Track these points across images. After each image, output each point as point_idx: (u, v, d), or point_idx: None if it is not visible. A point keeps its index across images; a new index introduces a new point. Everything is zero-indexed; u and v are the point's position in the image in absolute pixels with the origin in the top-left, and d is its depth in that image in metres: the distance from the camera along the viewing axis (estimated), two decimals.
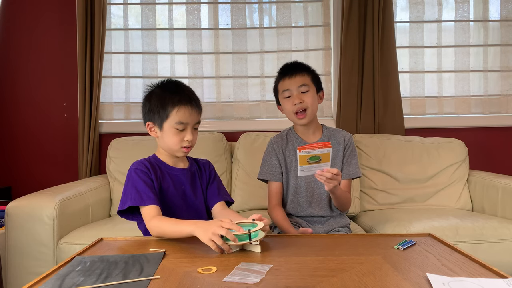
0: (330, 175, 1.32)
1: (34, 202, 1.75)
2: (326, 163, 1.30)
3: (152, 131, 1.30)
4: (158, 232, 1.16)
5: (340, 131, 1.68)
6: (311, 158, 1.27)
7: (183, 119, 1.24)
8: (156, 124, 1.27)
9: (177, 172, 1.32)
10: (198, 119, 1.29)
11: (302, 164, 1.28)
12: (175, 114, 1.24)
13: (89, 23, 2.43)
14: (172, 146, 1.27)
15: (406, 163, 2.29)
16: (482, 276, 0.87)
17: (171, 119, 1.24)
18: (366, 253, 1.04)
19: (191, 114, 1.25)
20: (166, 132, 1.26)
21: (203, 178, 1.38)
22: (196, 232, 1.06)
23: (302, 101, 1.53)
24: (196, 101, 1.28)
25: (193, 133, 1.28)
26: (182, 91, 1.27)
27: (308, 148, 1.26)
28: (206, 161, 1.43)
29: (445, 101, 2.67)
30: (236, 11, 2.65)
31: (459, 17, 2.67)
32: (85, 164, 2.46)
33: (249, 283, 0.84)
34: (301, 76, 1.56)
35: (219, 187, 1.39)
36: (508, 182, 2.01)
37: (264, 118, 2.65)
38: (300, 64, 1.61)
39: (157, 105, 1.26)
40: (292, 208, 1.64)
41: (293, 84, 1.55)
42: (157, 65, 2.65)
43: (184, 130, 1.26)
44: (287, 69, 1.59)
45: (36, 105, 2.61)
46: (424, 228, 1.75)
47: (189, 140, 1.26)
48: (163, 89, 1.29)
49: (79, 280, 0.86)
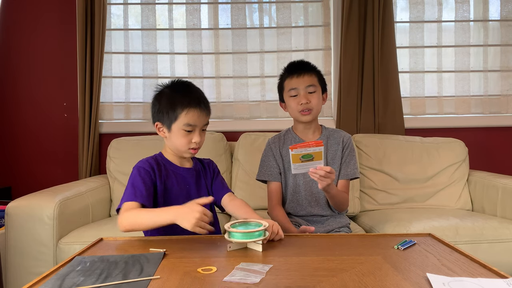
0: (323, 173, 1.32)
1: (34, 202, 1.75)
2: (319, 161, 1.31)
3: (160, 131, 1.31)
4: (130, 223, 1.14)
5: (339, 131, 1.69)
6: (303, 156, 1.29)
7: (191, 121, 1.24)
8: (165, 125, 1.28)
9: (182, 172, 1.33)
10: (206, 121, 1.30)
11: (295, 162, 1.30)
12: (184, 117, 1.24)
13: (89, 23, 2.43)
14: (179, 147, 1.28)
15: (406, 163, 2.29)
16: (482, 276, 0.87)
17: (180, 121, 1.24)
18: (366, 253, 1.04)
19: (200, 117, 1.26)
20: (175, 133, 1.26)
21: (208, 176, 1.39)
22: (179, 222, 1.07)
23: (309, 101, 1.55)
24: (205, 104, 1.28)
25: (201, 134, 1.29)
26: (191, 93, 1.28)
27: (300, 147, 1.28)
28: (209, 160, 1.45)
29: (445, 101, 2.67)
30: (236, 11, 2.65)
31: (459, 17, 2.67)
32: (85, 164, 2.46)
33: (249, 283, 0.84)
34: (309, 76, 1.57)
35: (222, 182, 1.41)
36: (508, 182, 2.01)
37: (264, 118, 2.66)
38: (307, 63, 1.62)
39: (166, 106, 1.26)
40: (291, 208, 1.65)
41: (301, 83, 1.56)
42: (157, 65, 2.65)
43: (192, 132, 1.26)
44: (295, 68, 1.59)
45: (36, 105, 2.61)
46: (424, 228, 1.75)
47: (197, 142, 1.27)
48: (173, 89, 1.29)
49: (79, 280, 0.86)
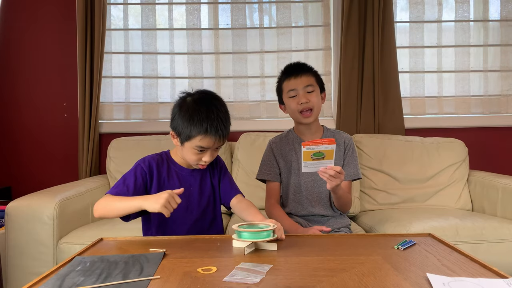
0: (333, 173, 1.32)
1: (34, 202, 1.74)
2: (329, 160, 1.31)
3: (174, 138, 1.28)
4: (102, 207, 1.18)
5: (340, 132, 1.69)
6: (315, 154, 1.28)
7: (205, 145, 1.21)
8: (179, 137, 1.24)
9: (185, 172, 1.32)
10: (221, 144, 1.25)
11: (306, 160, 1.29)
12: (198, 141, 1.20)
13: (89, 23, 2.43)
14: (189, 161, 1.27)
15: (406, 163, 2.29)
16: (482, 276, 0.87)
17: (193, 142, 1.21)
18: (366, 253, 1.04)
19: (215, 143, 1.22)
20: (186, 149, 1.24)
21: (215, 174, 1.38)
22: (146, 205, 1.10)
23: (308, 101, 1.55)
24: (223, 130, 1.21)
25: (213, 154, 1.26)
26: (212, 116, 1.19)
27: (312, 144, 1.27)
28: (216, 156, 1.43)
29: (445, 101, 2.67)
30: (236, 11, 2.65)
31: (459, 17, 2.67)
32: (85, 164, 2.46)
33: (249, 283, 0.84)
34: (307, 76, 1.58)
35: (231, 182, 1.40)
36: (508, 182, 2.01)
37: (264, 118, 2.66)
38: (304, 64, 1.63)
39: (183, 122, 1.21)
40: (293, 207, 1.65)
41: (299, 83, 1.56)
42: (157, 65, 2.65)
43: (204, 151, 1.23)
44: (292, 69, 1.60)
45: (36, 105, 2.61)
46: (424, 228, 1.75)
47: (207, 161, 1.25)
48: (195, 103, 1.22)
49: (79, 280, 0.86)
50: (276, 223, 1.14)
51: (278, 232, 1.13)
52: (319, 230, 1.44)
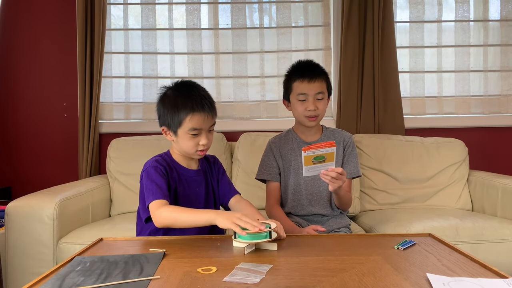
0: (335, 175, 1.32)
1: (34, 202, 1.74)
2: (330, 162, 1.31)
3: (167, 135, 1.29)
4: (170, 218, 1.14)
5: (340, 131, 1.69)
6: (315, 158, 1.28)
7: (197, 125, 1.22)
8: (170, 129, 1.26)
9: (191, 174, 1.32)
10: (212, 122, 1.27)
11: (307, 164, 1.28)
12: (189, 122, 1.22)
13: (89, 23, 2.43)
14: (187, 150, 1.27)
15: (406, 163, 2.29)
16: (482, 276, 0.87)
17: (185, 126, 1.22)
18: (366, 253, 1.04)
19: (205, 120, 1.23)
20: (181, 137, 1.25)
21: (214, 175, 1.39)
22: (217, 220, 1.07)
23: (316, 108, 1.54)
24: (210, 105, 1.25)
25: (208, 136, 1.27)
26: (194, 96, 1.24)
27: (313, 148, 1.26)
28: (214, 157, 1.44)
29: (445, 101, 2.67)
30: (236, 11, 2.65)
31: (459, 17, 2.66)
32: (85, 164, 2.46)
33: (249, 283, 0.84)
34: (320, 82, 1.55)
35: (229, 183, 1.41)
36: (508, 182, 2.01)
37: (264, 118, 2.65)
38: (317, 66, 1.59)
39: (170, 111, 1.24)
40: (292, 207, 1.65)
41: (311, 89, 1.53)
42: (157, 65, 2.64)
43: (199, 134, 1.24)
44: (306, 71, 1.56)
45: (36, 105, 2.60)
46: (424, 228, 1.75)
47: (204, 144, 1.25)
48: (175, 92, 1.27)
49: (79, 280, 0.86)
50: (276, 222, 1.14)
51: (279, 231, 1.13)
52: (314, 230, 1.44)
